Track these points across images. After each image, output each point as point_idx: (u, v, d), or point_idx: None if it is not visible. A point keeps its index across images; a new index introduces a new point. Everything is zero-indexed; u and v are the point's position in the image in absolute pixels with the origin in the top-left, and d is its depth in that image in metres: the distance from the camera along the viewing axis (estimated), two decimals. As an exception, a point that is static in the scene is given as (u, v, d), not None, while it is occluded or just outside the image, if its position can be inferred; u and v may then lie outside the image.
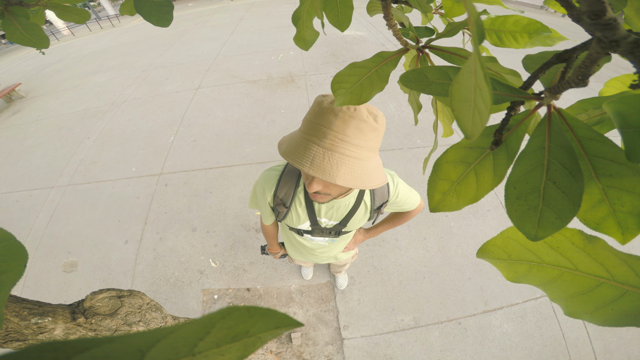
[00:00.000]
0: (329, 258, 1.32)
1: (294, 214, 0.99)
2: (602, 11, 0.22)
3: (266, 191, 0.97)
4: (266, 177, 0.96)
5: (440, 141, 3.02)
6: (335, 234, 1.06)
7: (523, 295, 2.01)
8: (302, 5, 0.60)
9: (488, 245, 0.34)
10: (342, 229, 1.03)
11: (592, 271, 0.27)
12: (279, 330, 0.13)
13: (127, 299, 1.04)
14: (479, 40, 0.19)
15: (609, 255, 0.26)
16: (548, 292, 0.31)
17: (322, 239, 1.11)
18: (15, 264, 0.28)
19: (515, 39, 0.50)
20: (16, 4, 0.66)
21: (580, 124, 0.29)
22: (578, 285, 0.28)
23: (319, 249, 1.19)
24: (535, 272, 0.31)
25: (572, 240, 0.28)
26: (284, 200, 0.95)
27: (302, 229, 1.04)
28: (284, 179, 0.93)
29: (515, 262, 0.32)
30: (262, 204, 1.02)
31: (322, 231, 1.03)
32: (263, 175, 0.98)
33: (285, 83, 4.79)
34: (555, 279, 0.29)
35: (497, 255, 0.33)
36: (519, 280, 0.33)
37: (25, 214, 3.02)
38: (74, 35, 14.56)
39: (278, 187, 0.94)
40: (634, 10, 0.34)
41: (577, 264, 0.28)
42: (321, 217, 0.98)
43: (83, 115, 4.77)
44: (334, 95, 0.49)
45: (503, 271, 0.34)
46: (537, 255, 0.30)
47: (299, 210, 0.97)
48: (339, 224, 1.00)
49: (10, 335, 0.74)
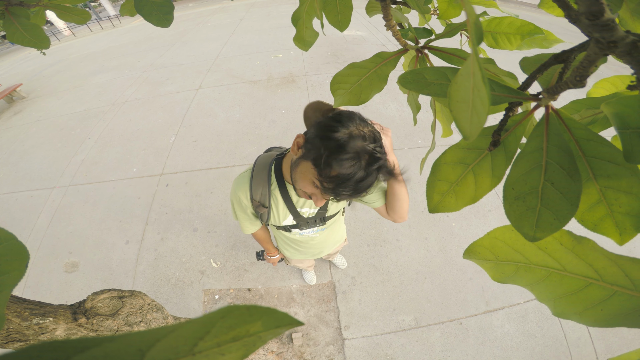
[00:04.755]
0: (326, 248, 1.31)
1: (274, 212, 0.99)
2: (600, 12, 0.22)
3: (242, 198, 0.96)
4: (238, 184, 0.96)
5: (438, 142, 3.02)
6: (320, 221, 1.06)
7: (524, 296, 2.01)
8: (301, 6, 0.60)
9: (475, 246, 0.34)
10: (325, 215, 1.04)
11: (581, 272, 0.27)
12: (279, 329, 0.13)
13: (128, 299, 1.04)
14: (478, 41, 0.19)
15: (598, 256, 0.26)
16: (536, 293, 0.30)
17: (310, 231, 1.11)
18: (17, 264, 0.28)
19: (509, 41, 0.50)
20: (17, 4, 0.66)
21: (578, 124, 0.29)
22: (566, 286, 0.28)
23: (312, 241, 1.19)
24: (522, 272, 0.31)
25: (560, 241, 0.28)
26: (262, 201, 0.95)
27: (287, 225, 1.05)
28: (255, 181, 0.93)
29: (503, 263, 0.32)
30: (243, 212, 1.02)
31: (308, 222, 1.04)
32: (234, 183, 0.98)
33: (285, 83, 4.79)
34: (542, 279, 0.29)
35: (484, 256, 0.33)
36: (505, 281, 0.33)
37: (26, 215, 3.03)
38: (75, 35, 14.59)
39: (252, 191, 0.94)
40: (629, 12, 0.34)
41: (566, 264, 0.28)
42: (302, 208, 0.99)
43: (84, 115, 4.77)
44: (333, 95, 0.50)
45: (490, 272, 0.34)
46: (525, 256, 0.30)
47: (279, 206, 0.97)
48: (320, 209, 1.02)
49: (11, 335, 0.74)
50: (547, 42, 0.52)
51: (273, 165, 0.95)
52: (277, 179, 0.94)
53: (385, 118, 3.73)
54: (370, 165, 0.63)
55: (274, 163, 0.95)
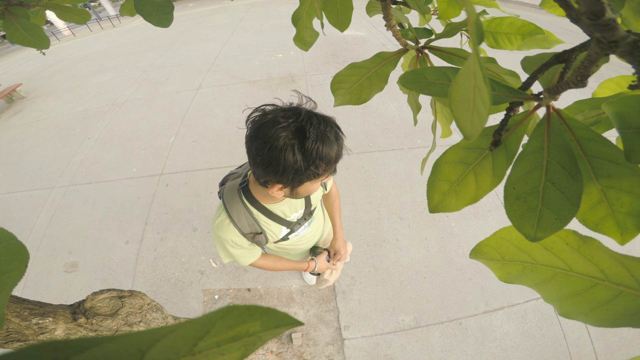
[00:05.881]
0: (317, 234, 1.32)
1: (269, 232, 0.97)
2: (602, 12, 0.22)
3: (234, 239, 0.92)
4: (222, 230, 0.91)
5: (439, 142, 3.02)
6: (309, 215, 1.09)
7: (524, 296, 2.01)
8: (301, 6, 0.60)
9: (481, 246, 0.34)
10: (310, 209, 1.07)
11: (587, 272, 0.27)
12: (279, 329, 0.13)
13: (127, 299, 1.04)
14: (478, 41, 0.19)
15: (604, 256, 0.26)
16: (542, 293, 0.30)
17: (303, 228, 1.12)
18: (17, 264, 0.28)
19: (509, 41, 0.50)
20: (17, 4, 0.66)
21: (579, 124, 0.29)
22: (572, 286, 0.28)
23: (306, 236, 1.20)
24: (528, 272, 0.31)
25: (566, 241, 0.28)
26: (253, 230, 0.93)
27: (284, 235, 1.04)
28: (236, 218, 0.90)
29: (509, 263, 0.32)
30: (238, 249, 0.97)
31: (299, 223, 1.06)
32: (217, 231, 0.92)
33: (285, 83, 4.79)
34: (549, 279, 0.29)
35: (491, 256, 0.33)
36: (511, 281, 0.33)
37: (26, 214, 3.03)
38: (75, 35, 14.58)
39: (239, 228, 0.91)
40: (632, 12, 0.34)
41: (572, 264, 0.28)
42: (289, 216, 0.99)
43: (84, 115, 4.77)
44: (334, 95, 0.50)
45: (496, 272, 0.34)
46: (531, 256, 0.30)
47: (271, 226, 0.96)
48: (305, 209, 1.04)
49: (11, 335, 0.74)
50: (548, 42, 0.52)
51: (242, 196, 0.92)
52: (254, 206, 0.91)
53: (385, 118, 3.73)
54: (310, 124, 0.64)
55: (242, 194, 0.92)
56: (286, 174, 0.66)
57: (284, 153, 0.62)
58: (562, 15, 0.38)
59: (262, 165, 0.66)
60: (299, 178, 0.68)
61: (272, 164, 0.64)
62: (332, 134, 0.67)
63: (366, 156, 3.19)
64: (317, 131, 0.63)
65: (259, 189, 0.88)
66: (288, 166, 0.64)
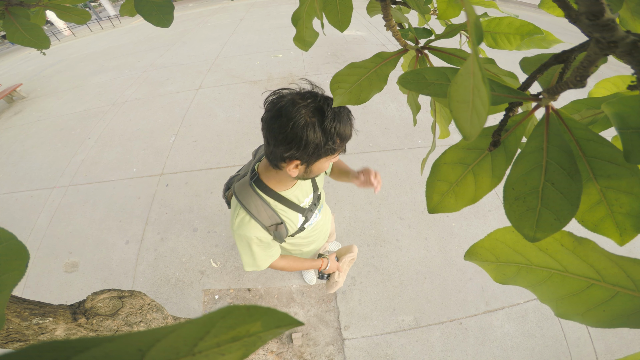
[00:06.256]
0: (327, 224, 1.35)
1: (287, 222, 0.98)
2: (601, 12, 0.22)
3: (259, 235, 0.92)
4: (245, 228, 0.90)
5: (439, 142, 3.02)
6: (317, 200, 1.12)
7: (524, 296, 2.01)
8: (301, 6, 0.60)
9: (476, 247, 0.34)
10: (318, 192, 1.12)
11: (582, 273, 0.27)
12: (279, 329, 0.13)
13: (128, 299, 1.04)
14: (478, 41, 0.19)
15: (600, 257, 0.26)
16: (538, 294, 0.30)
17: (315, 215, 1.14)
18: (17, 264, 0.28)
19: (508, 41, 0.50)
20: (17, 4, 0.66)
21: (578, 124, 0.29)
22: (568, 287, 0.28)
23: (318, 225, 1.21)
24: (524, 274, 0.31)
25: (561, 242, 0.28)
26: (274, 221, 0.93)
27: (301, 225, 1.06)
28: (255, 212, 0.90)
29: (504, 264, 0.32)
30: (263, 249, 0.97)
31: (311, 209, 1.08)
32: (240, 229, 0.91)
33: (286, 83, 4.79)
34: (544, 280, 0.29)
35: (485, 257, 0.33)
36: (507, 282, 0.33)
37: (26, 214, 3.03)
38: (75, 35, 14.58)
39: (261, 222, 0.91)
40: (630, 12, 0.34)
41: (567, 265, 0.28)
42: (302, 201, 1.02)
43: (84, 115, 4.77)
44: (333, 95, 0.50)
45: (491, 273, 0.33)
46: (526, 257, 0.30)
47: (288, 213, 0.97)
48: (314, 191, 1.08)
49: (11, 335, 0.74)
50: (547, 42, 0.52)
51: (256, 188, 0.92)
52: (269, 195, 0.92)
53: (385, 118, 3.73)
54: (327, 104, 0.72)
55: (255, 186, 0.92)
56: (307, 148, 0.72)
57: (306, 129, 0.69)
58: (560, 16, 0.38)
59: (285, 142, 0.72)
60: (317, 153, 0.74)
61: (295, 140, 0.71)
62: (345, 114, 0.75)
63: (366, 156, 3.19)
64: (334, 111, 0.71)
65: (272, 175, 0.90)
66: (310, 142, 0.71)
